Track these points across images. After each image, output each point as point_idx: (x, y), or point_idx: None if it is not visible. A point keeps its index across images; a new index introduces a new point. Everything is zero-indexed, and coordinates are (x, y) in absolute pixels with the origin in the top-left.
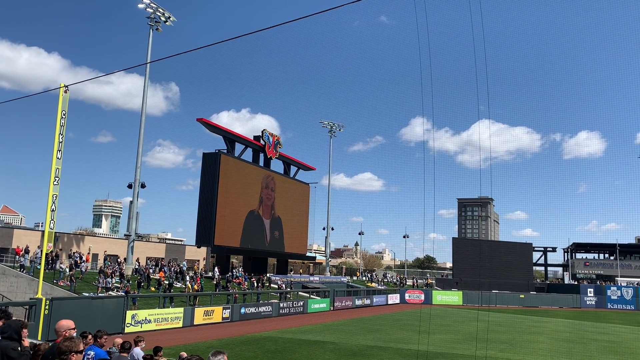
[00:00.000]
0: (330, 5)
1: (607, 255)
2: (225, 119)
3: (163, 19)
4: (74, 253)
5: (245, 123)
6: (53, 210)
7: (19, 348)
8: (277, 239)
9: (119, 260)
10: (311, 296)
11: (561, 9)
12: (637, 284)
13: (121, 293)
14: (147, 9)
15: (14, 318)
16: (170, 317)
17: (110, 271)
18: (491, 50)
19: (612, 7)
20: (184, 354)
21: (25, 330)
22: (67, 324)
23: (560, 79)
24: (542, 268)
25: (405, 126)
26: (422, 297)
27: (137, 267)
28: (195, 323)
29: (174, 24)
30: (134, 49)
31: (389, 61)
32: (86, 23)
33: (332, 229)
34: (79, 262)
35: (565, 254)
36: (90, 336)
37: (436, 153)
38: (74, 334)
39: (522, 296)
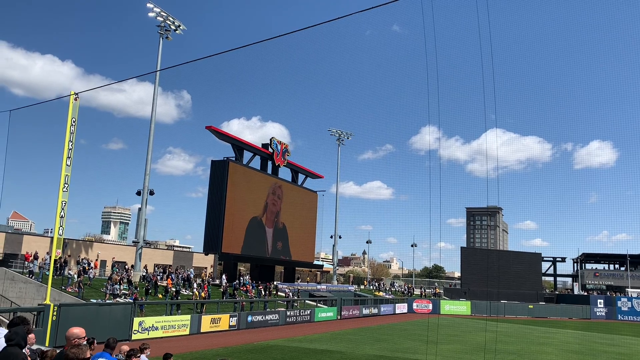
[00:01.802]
0: (342, 14)
1: (617, 266)
2: (236, 127)
3: (173, 27)
4: (82, 259)
5: (255, 131)
6: (62, 216)
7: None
8: (280, 250)
9: (126, 267)
10: (318, 305)
11: (572, 18)
12: None
13: (129, 300)
14: (158, 18)
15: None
16: (177, 324)
17: (119, 278)
18: (503, 60)
19: (625, 15)
20: None
21: (32, 336)
22: (78, 332)
23: (572, 88)
24: (552, 278)
25: (416, 134)
26: (430, 306)
27: (144, 274)
28: (202, 331)
29: (184, 33)
30: (146, 58)
31: (400, 70)
32: (99, 32)
33: (340, 237)
34: (87, 268)
35: (575, 264)
36: (95, 343)
37: (446, 162)
38: (84, 343)
39: (531, 306)
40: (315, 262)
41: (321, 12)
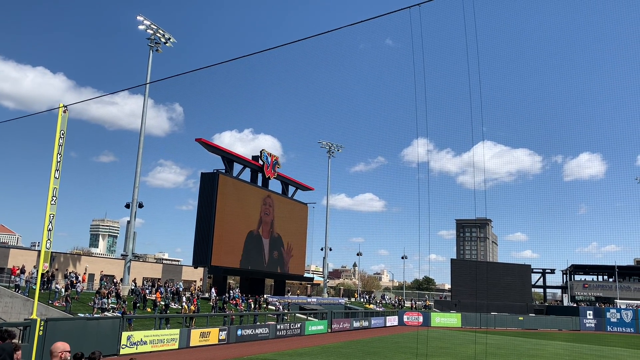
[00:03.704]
0: (335, 27)
1: (606, 277)
2: (228, 139)
3: (163, 40)
4: (70, 273)
5: (247, 143)
6: (50, 229)
7: None
8: (276, 259)
9: (115, 280)
10: (309, 318)
11: (562, 31)
12: (636, 306)
13: (117, 314)
14: (148, 31)
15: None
16: (166, 338)
17: (107, 292)
18: (493, 74)
19: (615, 27)
20: None
21: (19, 352)
22: (62, 346)
23: (563, 101)
24: (541, 290)
25: (407, 147)
26: (421, 319)
27: (133, 287)
28: (191, 345)
29: (175, 46)
30: (138, 71)
31: (393, 83)
32: (91, 44)
33: (330, 249)
34: (74, 282)
35: (564, 275)
36: (83, 357)
37: (437, 174)
38: (69, 357)
39: (521, 318)
40: (306, 275)
41: (314, 25)
